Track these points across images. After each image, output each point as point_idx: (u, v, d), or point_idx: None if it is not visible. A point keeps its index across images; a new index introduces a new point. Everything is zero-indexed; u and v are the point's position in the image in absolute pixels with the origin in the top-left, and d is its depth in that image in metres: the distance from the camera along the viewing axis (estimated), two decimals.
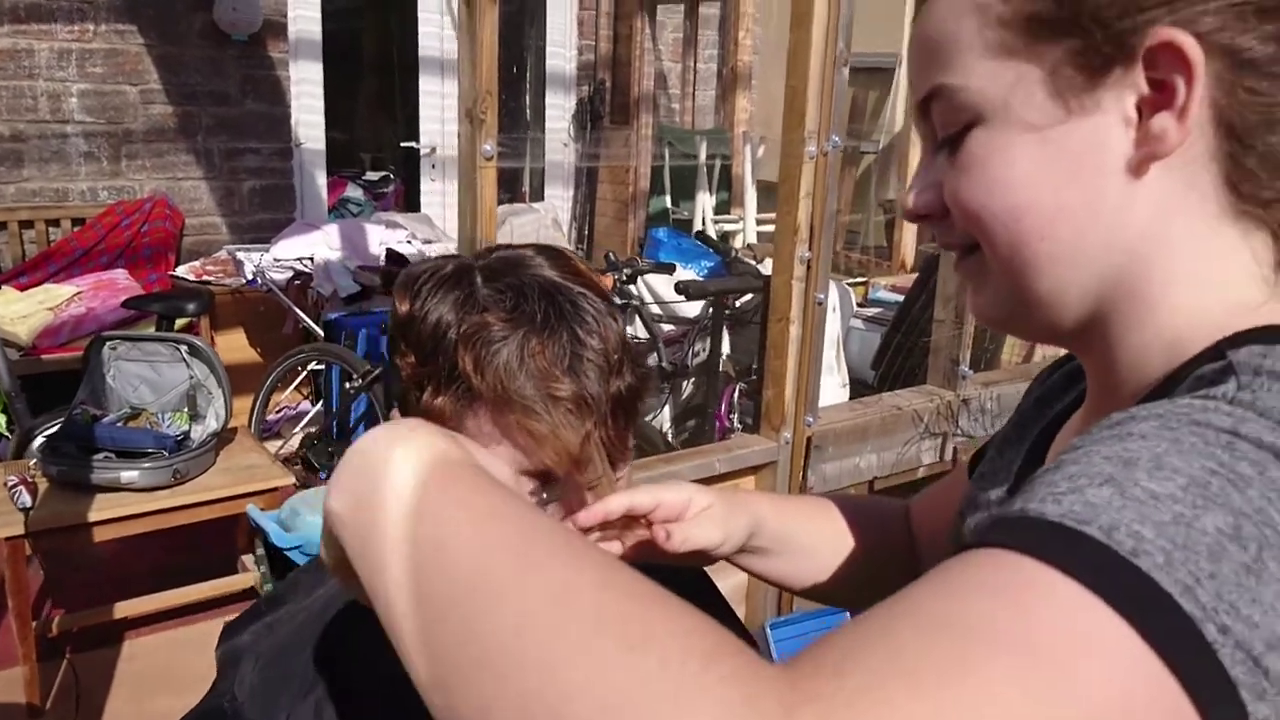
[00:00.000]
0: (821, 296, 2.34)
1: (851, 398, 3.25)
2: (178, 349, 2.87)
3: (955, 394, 2.72)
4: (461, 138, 1.75)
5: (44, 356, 4.01)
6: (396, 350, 0.77)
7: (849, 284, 4.03)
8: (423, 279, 0.77)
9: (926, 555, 0.92)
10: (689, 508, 0.79)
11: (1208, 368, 0.51)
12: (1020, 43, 0.55)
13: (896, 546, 0.92)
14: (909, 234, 4.57)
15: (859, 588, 0.91)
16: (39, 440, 2.99)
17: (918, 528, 0.93)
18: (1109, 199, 0.54)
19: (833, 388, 3.14)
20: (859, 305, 3.74)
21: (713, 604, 0.98)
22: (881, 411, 2.60)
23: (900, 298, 3.51)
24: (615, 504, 0.74)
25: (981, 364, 2.81)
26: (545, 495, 0.76)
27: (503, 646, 0.40)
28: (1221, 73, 0.52)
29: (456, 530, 0.46)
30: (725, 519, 0.81)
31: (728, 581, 2.46)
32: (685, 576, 0.88)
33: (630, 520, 0.77)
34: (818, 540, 0.89)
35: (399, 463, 0.50)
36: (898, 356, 3.22)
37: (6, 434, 3.62)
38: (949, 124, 0.58)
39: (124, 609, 2.82)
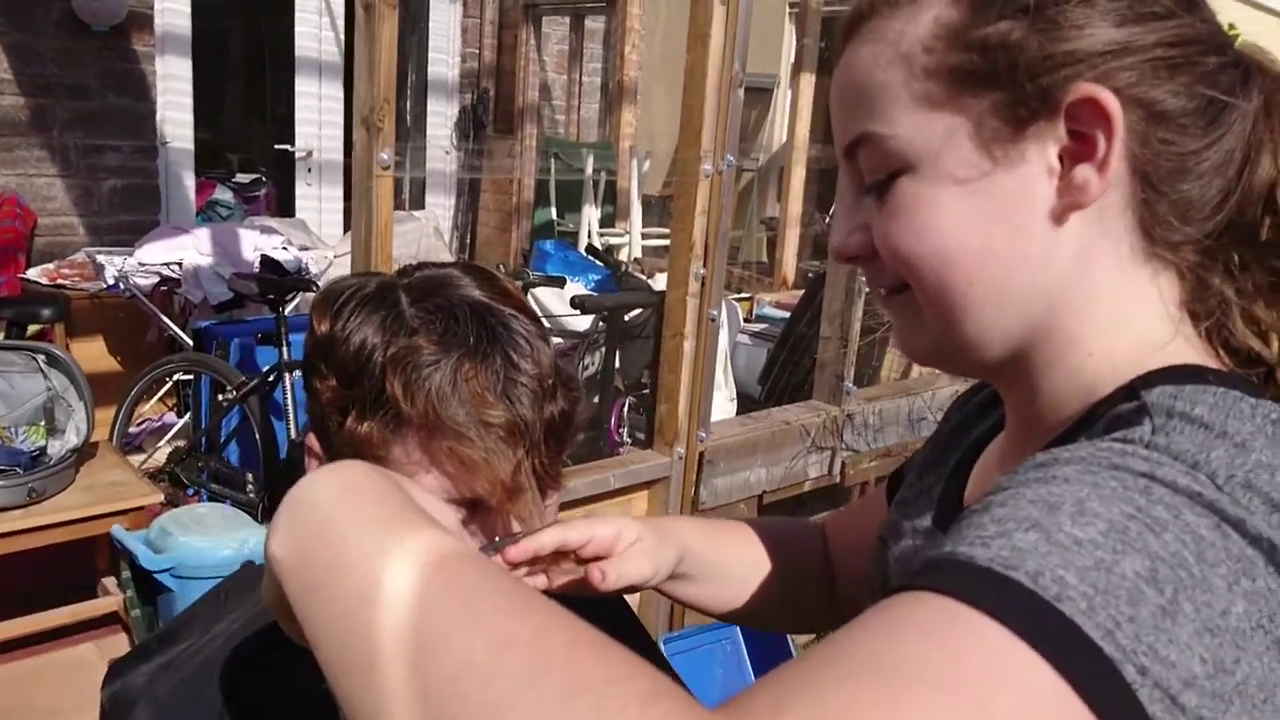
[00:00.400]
0: (715, 313, 2.37)
1: (739, 412, 3.30)
2: (34, 359, 2.68)
3: (840, 409, 2.80)
4: (357, 145, 1.69)
5: None
6: (316, 372, 0.74)
7: (735, 299, 4.09)
8: (344, 297, 0.74)
9: (841, 573, 0.94)
10: (618, 541, 0.78)
11: (1124, 407, 0.54)
12: (946, 94, 0.56)
13: (812, 566, 0.94)
14: (789, 251, 4.69)
15: (778, 608, 0.92)
16: None
17: (833, 546, 0.95)
18: (1033, 245, 0.57)
19: (721, 403, 3.18)
20: (745, 321, 3.81)
21: (633, 632, 0.97)
22: (771, 426, 2.65)
23: (785, 314, 3.58)
24: (546, 539, 0.73)
25: (865, 380, 2.90)
26: (473, 526, 0.74)
27: (441, 691, 0.41)
28: (1136, 124, 0.55)
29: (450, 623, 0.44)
30: (654, 551, 0.80)
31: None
32: (605, 608, 0.87)
33: (559, 555, 0.76)
34: (738, 565, 0.90)
35: (393, 574, 0.47)
36: (784, 372, 3.29)
37: None
38: (876, 170, 0.59)
39: None
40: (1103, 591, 0.42)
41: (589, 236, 5.46)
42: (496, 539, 0.73)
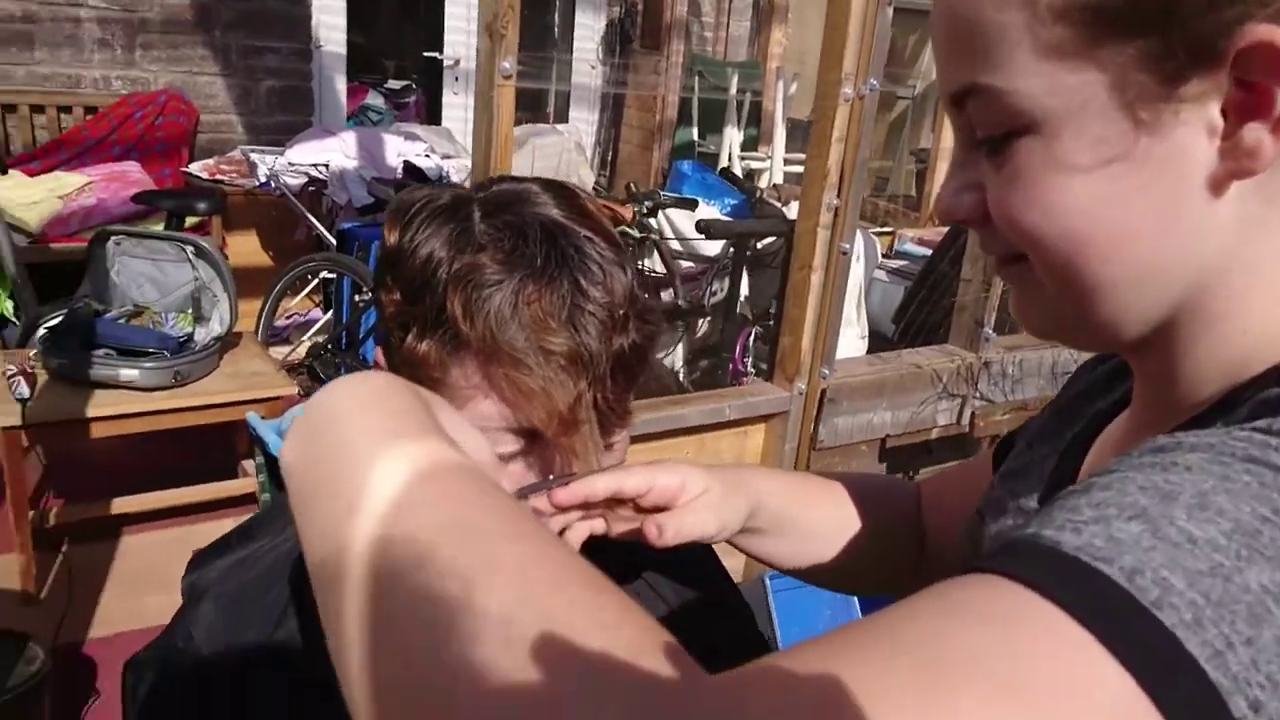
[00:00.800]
0: (847, 246, 2.26)
1: (870, 351, 3.19)
2: (183, 249, 2.81)
3: (977, 356, 2.66)
4: (480, 53, 1.66)
5: (52, 245, 3.95)
6: (382, 284, 0.71)
7: (875, 233, 3.93)
8: (416, 208, 0.70)
9: (935, 545, 0.87)
10: (682, 492, 0.73)
11: (1274, 390, 0.46)
12: (1080, 43, 0.46)
13: (904, 532, 0.87)
14: (939, 186, 4.44)
15: (860, 572, 0.86)
16: (42, 331, 2.94)
17: (928, 513, 0.88)
18: (1185, 220, 0.48)
19: (851, 339, 3.07)
20: (884, 256, 3.65)
21: (709, 577, 0.93)
22: (900, 369, 2.54)
23: (927, 252, 3.41)
24: (600, 485, 0.69)
25: (1006, 327, 2.74)
26: (531, 458, 0.71)
27: (399, 617, 0.38)
28: None
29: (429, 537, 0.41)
30: (721, 504, 0.75)
31: None
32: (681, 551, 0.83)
33: (615, 501, 0.71)
34: (820, 523, 0.84)
35: (379, 478, 0.44)
36: (920, 312, 3.15)
37: (14, 320, 3.58)
38: (990, 125, 0.50)
39: (122, 505, 2.80)
40: (1216, 603, 0.35)
41: (729, 159, 5.33)
42: (549, 478, 0.69)
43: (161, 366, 2.59)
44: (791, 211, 2.65)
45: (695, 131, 5.76)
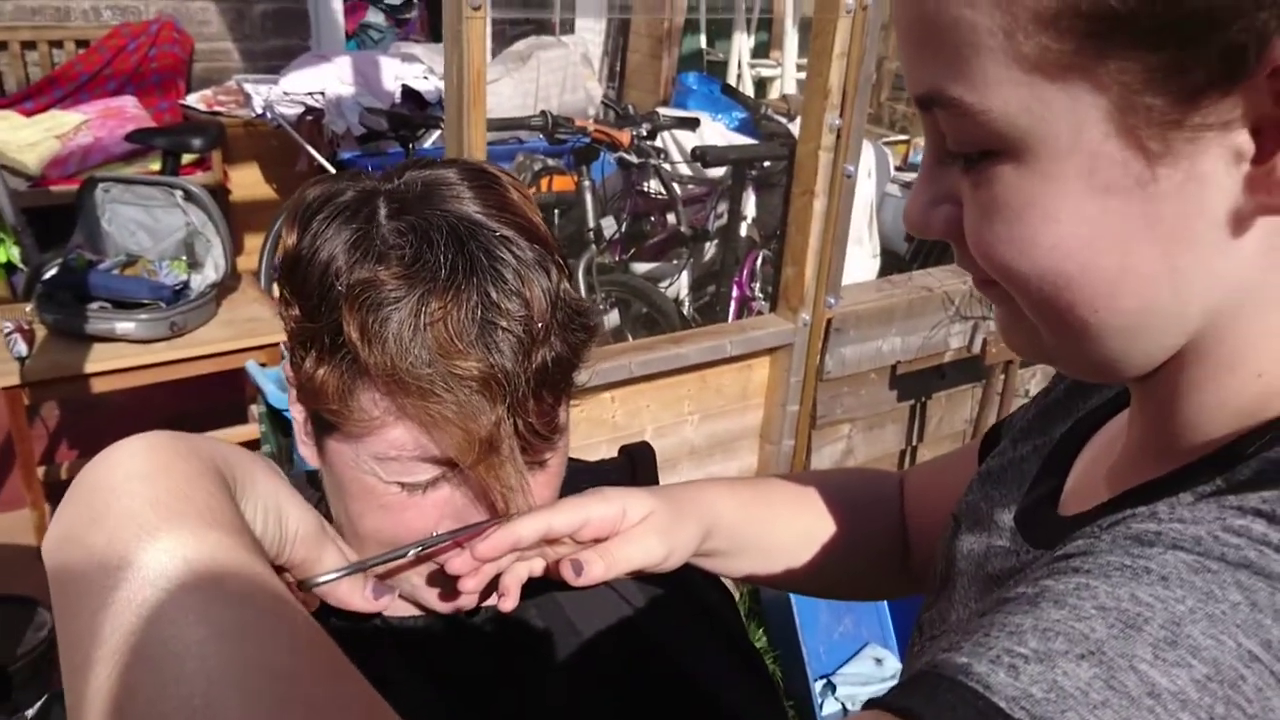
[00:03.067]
0: (851, 168, 2.15)
1: (882, 271, 3.08)
2: (173, 193, 2.74)
3: None
4: None
5: (52, 188, 3.90)
6: (281, 296, 0.64)
7: (889, 143, 3.77)
8: (315, 205, 0.63)
9: (916, 543, 0.80)
10: (622, 520, 0.67)
11: None
12: (1074, 56, 0.37)
13: (883, 539, 0.81)
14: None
15: (837, 580, 0.81)
16: (39, 284, 2.91)
17: (912, 514, 0.81)
18: (1196, 262, 0.40)
19: (862, 259, 2.97)
20: (897, 169, 3.49)
21: (709, 610, 0.86)
22: (909, 293, 2.45)
23: None
24: (525, 531, 0.62)
25: None
26: (452, 483, 0.65)
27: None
28: None
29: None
30: (670, 528, 0.69)
31: (735, 463, 2.40)
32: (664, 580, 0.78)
33: (550, 541, 0.66)
34: (783, 539, 0.78)
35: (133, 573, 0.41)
36: None
37: (22, 266, 3.56)
38: (963, 142, 0.42)
39: None
40: None
41: (739, 67, 5.12)
42: (464, 526, 0.63)
43: (157, 318, 2.56)
44: (798, 127, 2.52)
45: (703, 39, 5.53)
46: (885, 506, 0.81)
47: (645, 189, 3.08)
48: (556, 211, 3.07)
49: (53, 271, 2.75)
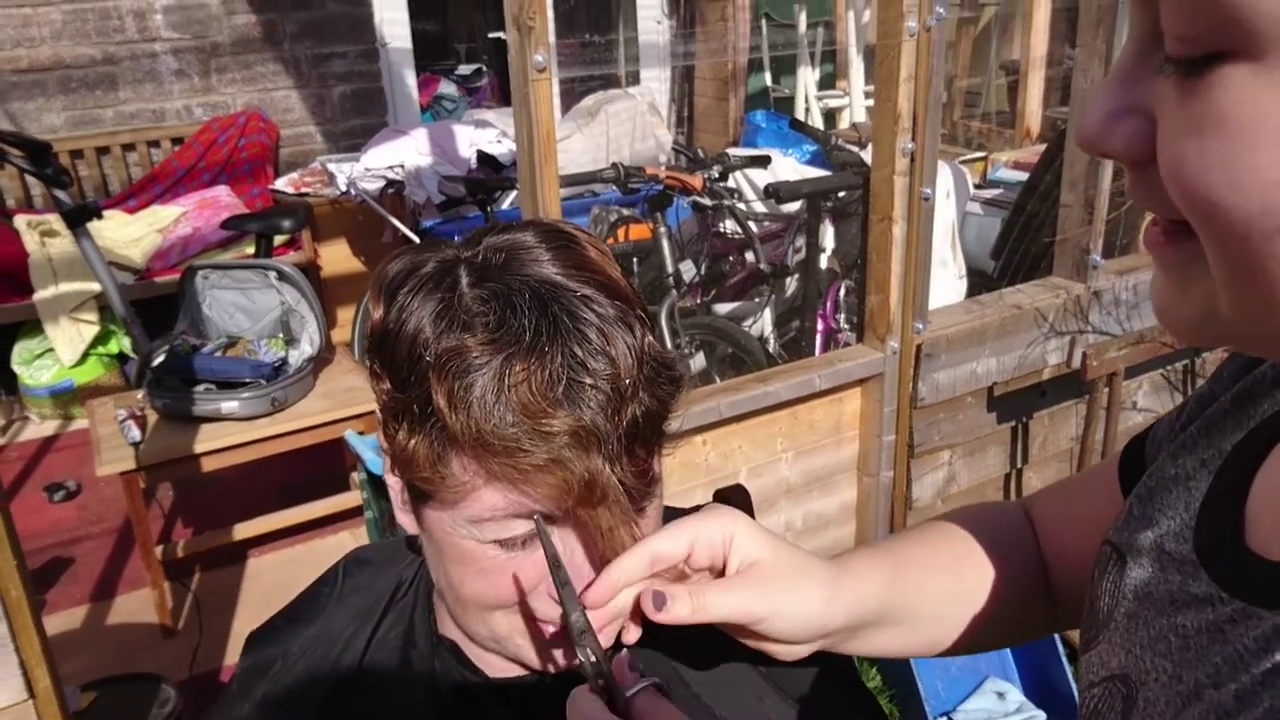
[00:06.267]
0: (928, 191, 2.12)
1: (969, 291, 3.01)
2: (267, 274, 2.85)
3: (1085, 286, 2.47)
4: (511, 49, 1.59)
5: (157, 279, 4.10)
6: (371, 370, 0.65)
7: (965, 161, 3.70)
8: (398, 278, 0.64)
9: (1060, 582, 0.72)
10: (729, 545, 0.64)
11: None
12: None
13: (1025, 577, 0.73)
14: (1033, 98, 4.16)
15: (988, 636, 0.73)
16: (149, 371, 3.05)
17: (1049, 544, 0.73)
18: None
19: (948, 281, 2.91)
20: (976, 186, 3.43)
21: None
22: (1000, 312, 2.39)
23: (1023, 176, 3.19)
24: (630, 564, 0.61)
25: (1117, 249, 2.53)
26: (568, 538, 0.64)
27: None
28: None
29: None
30: (776, 588, 0.63)
31: (834, 499, 2.35)
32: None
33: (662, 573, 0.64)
34: (934, 602, 0.71)
35: None
36: (1020, 244, 2.95)
37: (132, 355, 3.74)
38: (1188, 35, 0.33)
39: (243, 530, 2.90)
40: None
41: (806, 101, 5.11)
42: (562, 585, 0.61)
43: (259, 395, 2.65)
44: (871, 155, 2.50)
45: (768, 77, 5.55)
46: (1021, 544, 0.74)
47: (721, 230, 3.09)
48: (635, 260, 3.09)
49: (160, 358, 2.88)
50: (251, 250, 3.97)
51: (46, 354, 3.87)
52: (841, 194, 2.84)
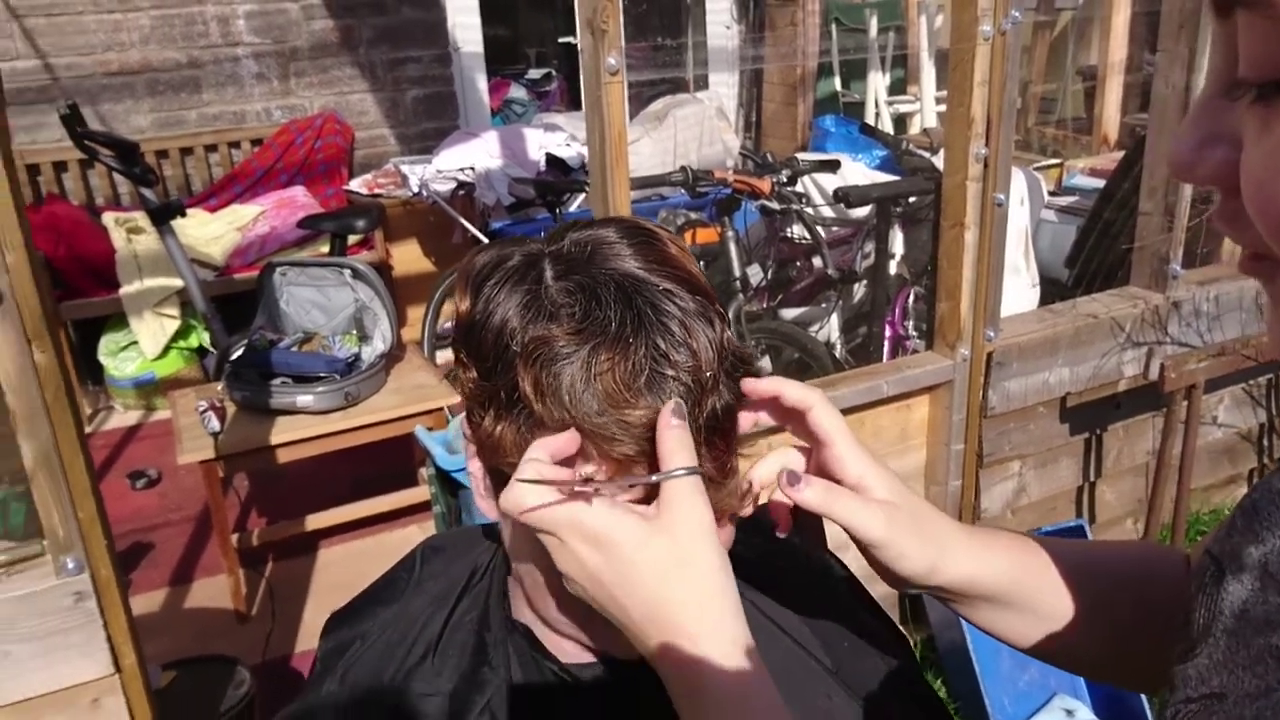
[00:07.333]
0: (1001, 197, 2.09)
1: (1042, 300, 2.96)
2: (342, 272, 2.93)
3: (1164, 296, 2.42)
4: (584, 52, 1.61)
5: (235, 276, 4.22)
6: (458, 359, 0.67)
7: (1040, 168, 3.64)
8: (485, 270, 0.66)
9: None
10: (839, 458, 0.67)
11: None
12: None
13: (1167, 617, 0.70)
14: (1111, 104, 4.07)
15: (1114, 664, 0.73)
16: (228, 364, 3.15)
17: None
18: None
19: (1020, 289, 2.86)
20: (1051, 194, 3.37)
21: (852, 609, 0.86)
22: (1074, 320, 2.34)
23: (1100, 184, 3.13)
24: (762, 384, 0.65)
25: (1197, 259, 2.47)
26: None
27: None
28: None
29: None
30: (899, 524, 0.65)
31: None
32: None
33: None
34: (1065, 602, 0.71)
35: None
36: (1096, 253, 2.89)
37: (212, 349, 3.86)
38: (1263, 62, 0.33)
39: (315, 521, 2.97)
40: None
41: (876, 106, 5.07)
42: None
43: (333, 389, 2.72)
44: (942, 160, 2.48)
45: (838, 82, 5.51)
46: (1172, 587, 0.71)
47: (789, 235, 3.08)
48: (702, 264, 3.10)
49: (239, 352, 2.97)
50: (326, 249, 4.07)
51: (131, 346, 4.01)
52: (912, 199, 2.82)
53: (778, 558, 0.87)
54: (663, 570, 0.57)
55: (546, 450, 0.59)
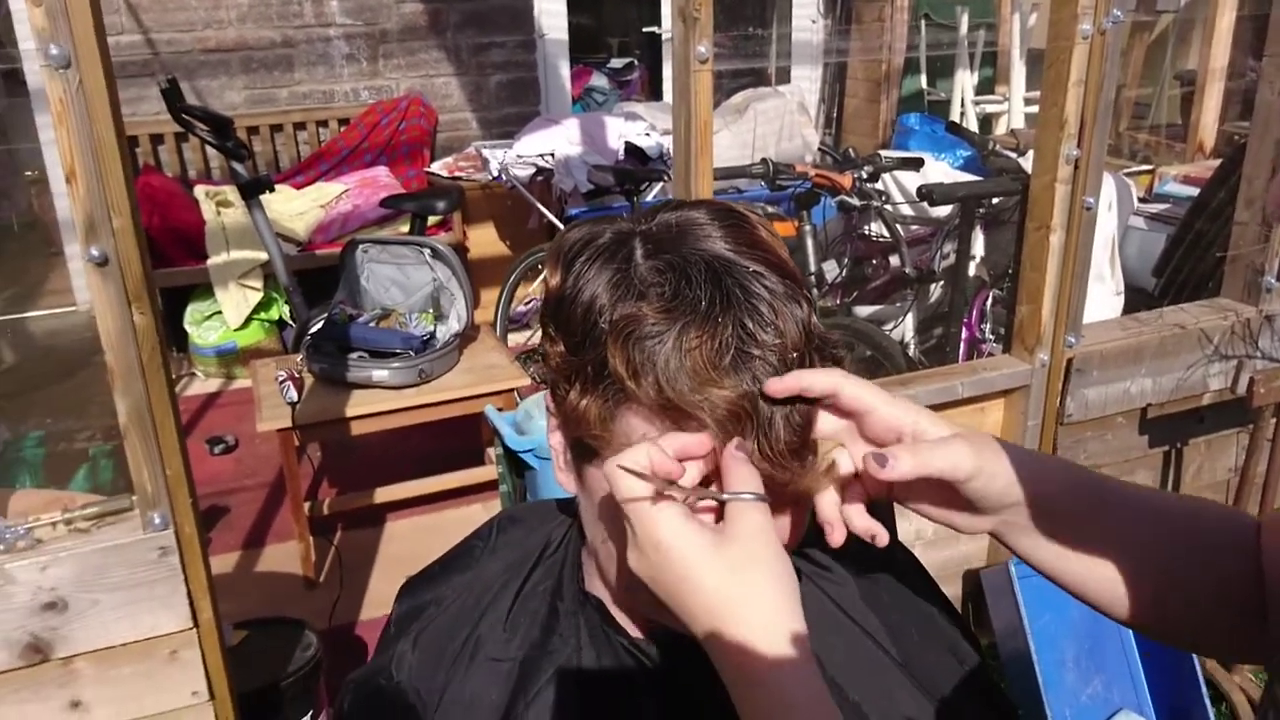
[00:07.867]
0: (1090, 200, 2.04)
1: (1126, 309, 2.89)
2: (421, 252, 2.98)
3: (1257, 310, 2.33)
4: (674, 40, 1.61)
5: (318, 252, 4.33)
6: (545, 333, 0.68)
7: (1130, 173, 3.54)
8: (576, 247, 0.67)
9: (1276, 610, 0.68)
10: (913, 431, 0.65)
11: None
12: None
13: (1236, 583, 0.70)
14: (1209, 111, 3.94)
15: (1171, 620, 0.71)
16: (307, 336, 3.23)
17: (1271, 568, 0.69)
18: None
19: (1104, 297, 2.79)
20: (1141, 200, 3.27)
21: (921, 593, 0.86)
22: (1160, 330, 2.28)
23: (1193, 191, 3.03)
24: (817, 379, 0.62)
25: None
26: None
27: None
28: None
29: None
30: (976, 451, 0.65)
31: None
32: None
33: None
34: (1122, 547, 0.70)
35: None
36: (1186, 262, 2.80)
37: (291, 322, 3.97)
38: None
39: (383, 494, 3.04)
40: None
41: (963, 105, 4.98)
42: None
43: (408, 366, 2.77)
44: (1029, 162, 2.43)
45: (924, 79, 5.42)
46: (1241, 553, 0.70)
47: (867, 232, 3.05)
48: None
49: (318, 325, 3.05)
50: (406, 229, 4.14)
51: (214, 316, 4.14)
52: (995, 200, 2.76)
53: (846, 547, 0.87)
54: (724, 568, 0.58)
55: (673, 445, 0.60)
